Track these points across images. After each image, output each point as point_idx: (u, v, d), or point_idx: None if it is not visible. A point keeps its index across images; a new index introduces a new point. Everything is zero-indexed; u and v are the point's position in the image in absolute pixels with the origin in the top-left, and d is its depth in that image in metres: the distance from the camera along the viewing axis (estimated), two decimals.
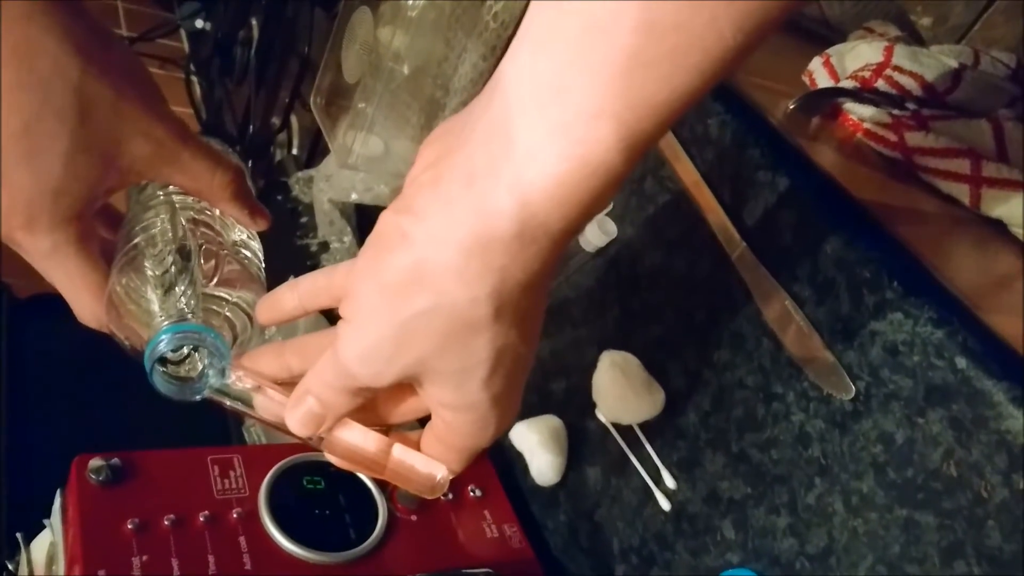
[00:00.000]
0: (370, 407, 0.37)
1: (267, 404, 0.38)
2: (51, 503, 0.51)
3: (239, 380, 0.38)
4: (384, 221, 0.32)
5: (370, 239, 0.32)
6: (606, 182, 0.28)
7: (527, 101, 0.28)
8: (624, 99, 0.26)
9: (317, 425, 0.36)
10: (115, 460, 0.50)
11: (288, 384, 0.39)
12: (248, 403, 0.38)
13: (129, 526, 0.47)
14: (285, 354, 0.39)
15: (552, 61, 0.27)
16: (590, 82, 0.26)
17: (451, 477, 0.38)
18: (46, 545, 0.50)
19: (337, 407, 0.36)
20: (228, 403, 0.38)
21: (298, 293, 0.40)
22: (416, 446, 0.39)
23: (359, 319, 0.32)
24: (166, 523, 0.48)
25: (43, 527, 0.51)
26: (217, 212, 0.44)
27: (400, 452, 0.39)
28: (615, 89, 0.26)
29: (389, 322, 0.31)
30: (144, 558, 0.46)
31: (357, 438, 0.38)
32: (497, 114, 0.28)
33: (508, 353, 0.32)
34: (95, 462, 0.49)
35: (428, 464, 0.38)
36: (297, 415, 0.36)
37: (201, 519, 0.49)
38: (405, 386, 0.35)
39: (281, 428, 0.37)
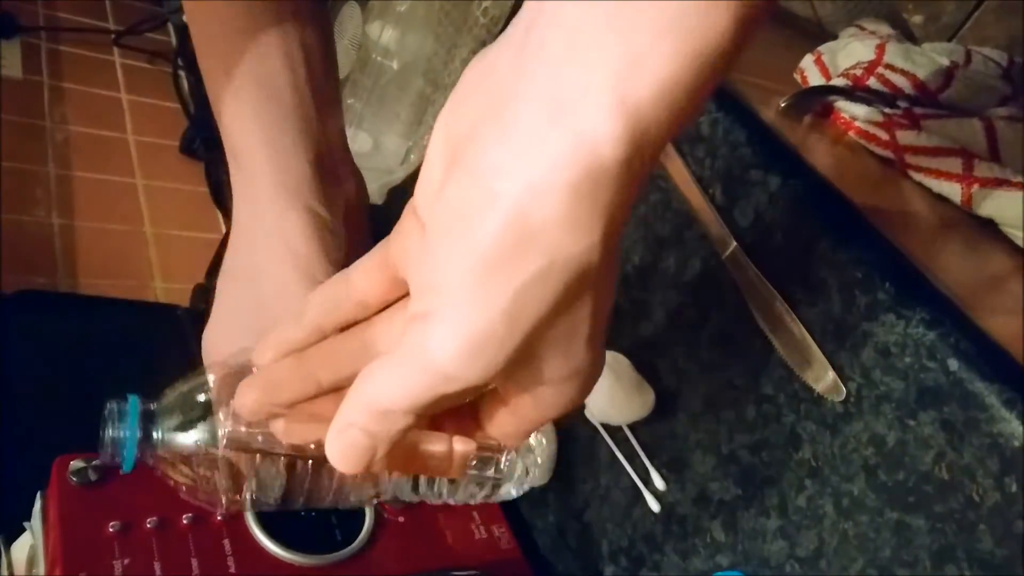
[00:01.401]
0: None
1: (297, 430, 0.32)
2: (31, 505, 0.50)
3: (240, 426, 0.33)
4: (455, 189, 0.27)
5: (436, 216, 0.27)
6: (718, 72, 0.25)
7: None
8: None
9: (367, 459, 0.29)
10: (96, 461, 0.49)
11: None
12: (266, 445, 0.33)
13: (111, 528, 0.47)
14: (309, 365, 0.33)
15: None
16: None
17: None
18: (26, 548, 0.50)
19: (394, 430, 0.29)
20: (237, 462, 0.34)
21: (309, 319, 0.34)
22: (470, 429, 0.33)
23: (454, 308, 0.27)
24: (149, 525, 0.48)
25: (23, 530, 0.50)
26: None
27: (460, 444, 0.33)
28: None
29: (498, 299, 0.26)
30: (126, 561, 0.45)
31: (418, 441, 0.32)
32: (573, 26, 0.24)
33: (607, 302, 0.28)
34: (76, 463, 0.49)
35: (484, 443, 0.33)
36: (340, 449, 0.29)
37: (185, 521, 0.49)
38: None
39: (320, 458, 0.31)
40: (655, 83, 0.24)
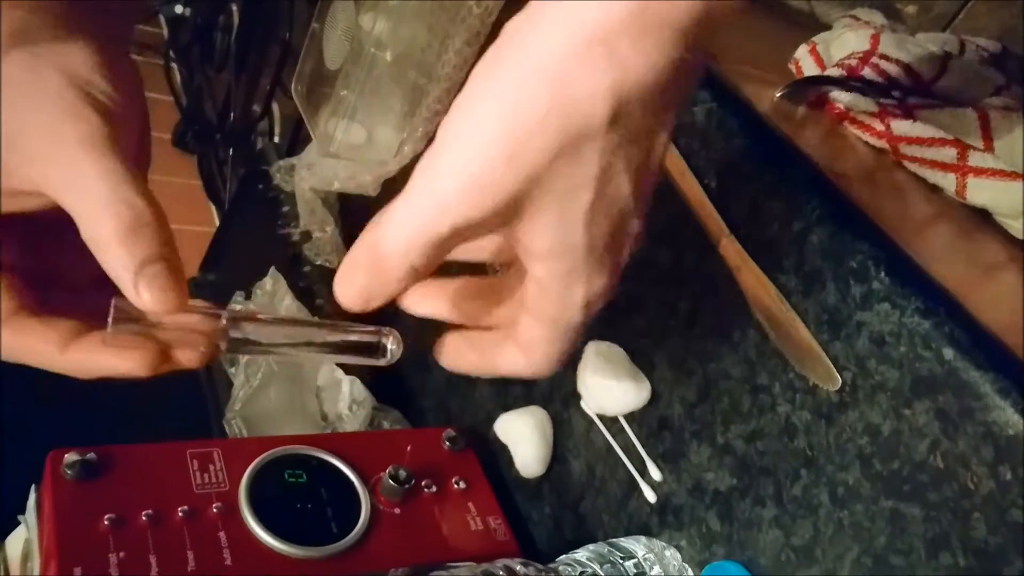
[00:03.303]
0: None
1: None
2: (26, 499, 0.50)
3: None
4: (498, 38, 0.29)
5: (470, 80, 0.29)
6: None
7: None
8: None
9: (368, 299, 0.31)
10: (91, 455, 0.49)
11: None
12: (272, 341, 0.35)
13: (106, 522, 0.46)
14: None
15: None
16: None
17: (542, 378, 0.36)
18: (21, 542, 0.50)
19: (393, 273, 0.30)
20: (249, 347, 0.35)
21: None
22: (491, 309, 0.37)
23: (461, 139, 0.28)
24: (144, 519, 0.48)
25: (18, 523, 0.50)
26: None
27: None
28: None
29: (501, 130, 0.27)
30: (121, 555, 0.45)
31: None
32: None
33: (616, 182, 0.29)
34: (70, 457, 0.48)
35: None
36: (344, 285, 0.31)
37: (180, 514, 0.49)
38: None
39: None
40: None
